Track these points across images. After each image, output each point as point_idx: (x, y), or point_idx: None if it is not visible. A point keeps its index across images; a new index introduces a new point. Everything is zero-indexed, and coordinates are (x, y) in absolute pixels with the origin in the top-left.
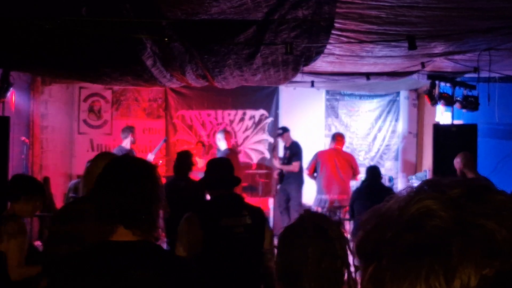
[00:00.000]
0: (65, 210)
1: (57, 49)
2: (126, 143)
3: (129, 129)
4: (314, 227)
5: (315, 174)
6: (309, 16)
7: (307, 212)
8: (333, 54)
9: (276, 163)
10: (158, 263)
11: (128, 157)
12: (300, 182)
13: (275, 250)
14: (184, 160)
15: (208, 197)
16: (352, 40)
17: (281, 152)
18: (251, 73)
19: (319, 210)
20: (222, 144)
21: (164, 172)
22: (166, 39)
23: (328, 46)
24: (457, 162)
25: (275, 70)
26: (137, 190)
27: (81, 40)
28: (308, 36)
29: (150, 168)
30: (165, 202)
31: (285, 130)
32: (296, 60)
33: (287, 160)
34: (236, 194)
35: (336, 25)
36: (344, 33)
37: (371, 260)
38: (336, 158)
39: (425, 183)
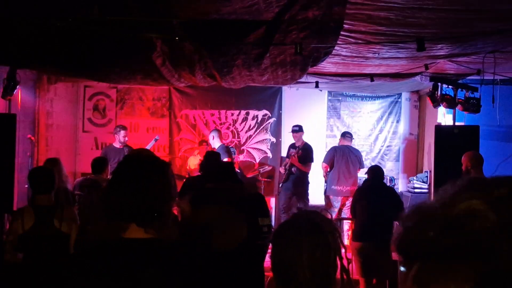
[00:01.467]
0: None
1: (65, 47)
2: (116, 142)
3: (115, 129)
4: (308, 222)
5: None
6: (319, 17)
7: (301, 210)
8: (339, 55)
9: (295, 161)
10: (169, 261)
11: (141, 155)
12: (307, 183)
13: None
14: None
15: None
16: (360, 41)
17: (283, 150)
18: (259, 73)
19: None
20: (216, 142)
21: None
22: (177, 38)
23: (336, 47)
24: (464, 161)
25: (283, 70)
26: (149, 188)
27: (91, 39)
28: (317, 36)
29: (162, 165)
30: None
31: (301, 129)
32: (304, 61)
33: (299, 160)
34: (260, 194)
35: (345, 26)
36: (353, 34)
37: (413, 259)
38: (348, 154)
39: (469, 181)
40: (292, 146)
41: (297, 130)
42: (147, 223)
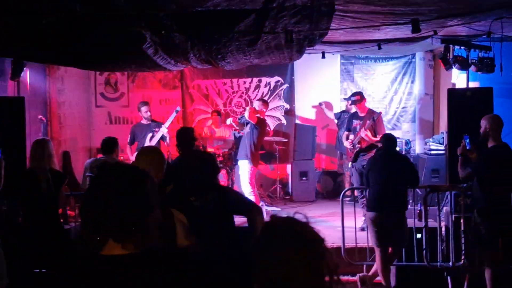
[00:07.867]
0: None
1: (58, 42)
2: (142, 119)
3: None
4: (290, 232)
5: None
6: (308, 2)
7: (274, 218)
8: (340, 29)
9: (351, 142)
10: (147, 277)
11: (118, 167)
12: None
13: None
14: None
15: None
16: (357, 21)
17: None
18: (255, 57)
19: None
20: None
21: None
22: (163, 31)
23: (334, 25)
24: (483, 123)
25: (280, 52)
26: (126, 202)
27: (81, 33)
28: (310, 21)
29: (140, 177)
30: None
31: (362, 97)
32: (299, 43)
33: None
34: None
35: (339, 7)
36: (348, 14)
37: None
38: None
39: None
40: (355, 116)
41: (359, 100)
42: (124, 238)
